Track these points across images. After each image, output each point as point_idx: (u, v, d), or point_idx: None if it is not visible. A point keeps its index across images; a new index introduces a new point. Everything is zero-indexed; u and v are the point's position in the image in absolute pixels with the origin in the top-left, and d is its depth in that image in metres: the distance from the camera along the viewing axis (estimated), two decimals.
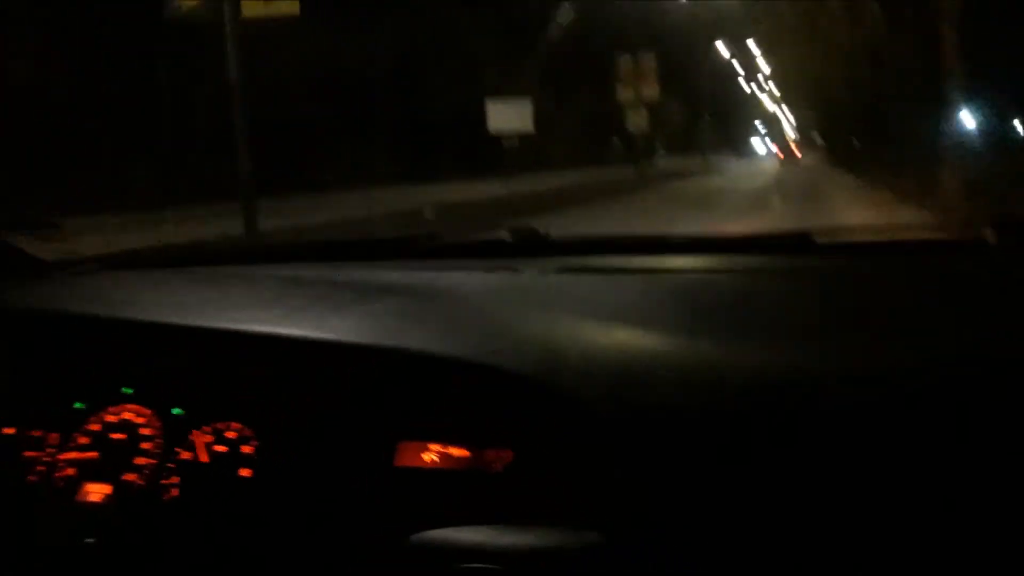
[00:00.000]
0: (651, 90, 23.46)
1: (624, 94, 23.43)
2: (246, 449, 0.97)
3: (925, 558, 0.70)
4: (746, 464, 0.75)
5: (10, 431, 1.06)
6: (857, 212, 12.08)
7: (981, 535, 0.69)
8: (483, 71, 21.98)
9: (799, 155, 50.17)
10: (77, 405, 1.05)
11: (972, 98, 14.42)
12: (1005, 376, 0.79)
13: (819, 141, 57.88)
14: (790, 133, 78.00)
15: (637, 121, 23.26)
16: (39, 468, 1.03)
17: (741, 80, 59.32)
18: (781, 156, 51.12)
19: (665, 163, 37.64)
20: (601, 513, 0.78)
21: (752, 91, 66.82)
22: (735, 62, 53.79)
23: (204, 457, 0.98)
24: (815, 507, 0.72)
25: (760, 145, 67.68)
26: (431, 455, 0.91)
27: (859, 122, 29.58)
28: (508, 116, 16.28)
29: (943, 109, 14.58)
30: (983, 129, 15.21)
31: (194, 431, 1.00)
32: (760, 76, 59.41)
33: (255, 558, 0.89)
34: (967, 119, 14.07)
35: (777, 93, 67.60)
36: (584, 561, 0.76)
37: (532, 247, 1.47)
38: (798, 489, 0.73)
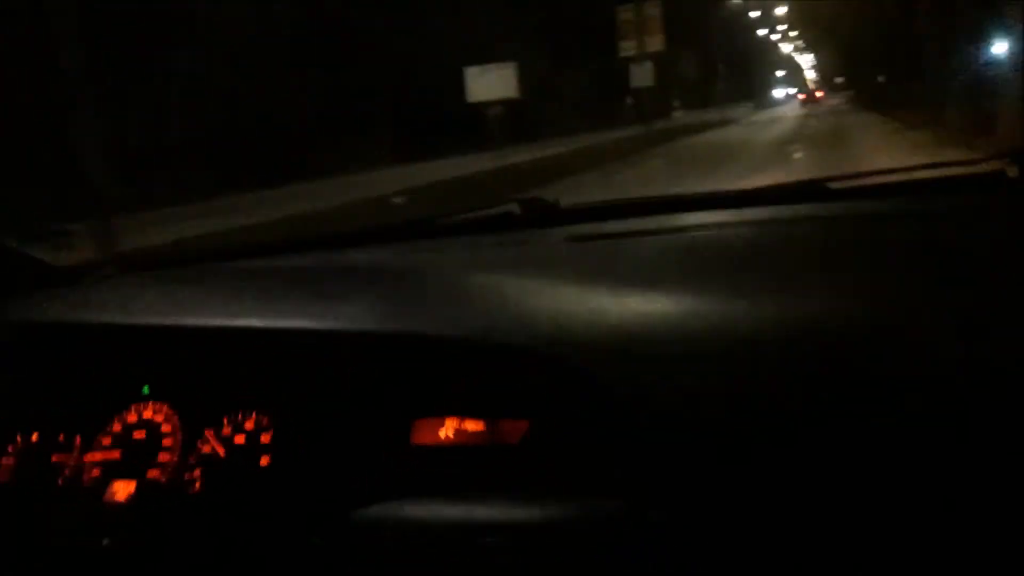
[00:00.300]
0: (656, 42, 21.36)
1: (627, 48, 21.36)
2: (264, 439, 0.98)
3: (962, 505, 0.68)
4: (768, 423, 0.73)
5: (36, 437, 1.08)
6: (888, 157, 10.15)
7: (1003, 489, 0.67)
8: (468, 36, 20.01)
9: (821, 96, 47.67)
10: (99, 407, 1.08)
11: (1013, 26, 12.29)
12: None
13: (841, 81, 55.39)
14: (810, 76, 75.01)
15: (642, 76, 21.22)
16: (66, 471, 1.05)
17: (756, 25, 56.66)
18: (802, 99, 48.58)
19: (682, 118, 35.80)
20: (618, 483, 0.77)
21: (768, 36, 63.96)
22: (748, 7, 51.21)
23: (221, 451, 0.99)
24: (837, 461, 0.70)
25: (779, 91, 64.65)
26: (447, 431, 0.92)
27: (884, 59, 27.30)
28: (490, 83, 14.44)
29: (980, 40, 12.57)
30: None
31: (211, 426, 1.01)
32: (775, 19, 56.64)
33: (276, 543, 0.89)
34: (1006, 49, 11.97)
35: (795, 35, 64.68)
36: (601, 532, 0.76)
37: (540, 218, 1.44)
38: (821, 443, 0.71)
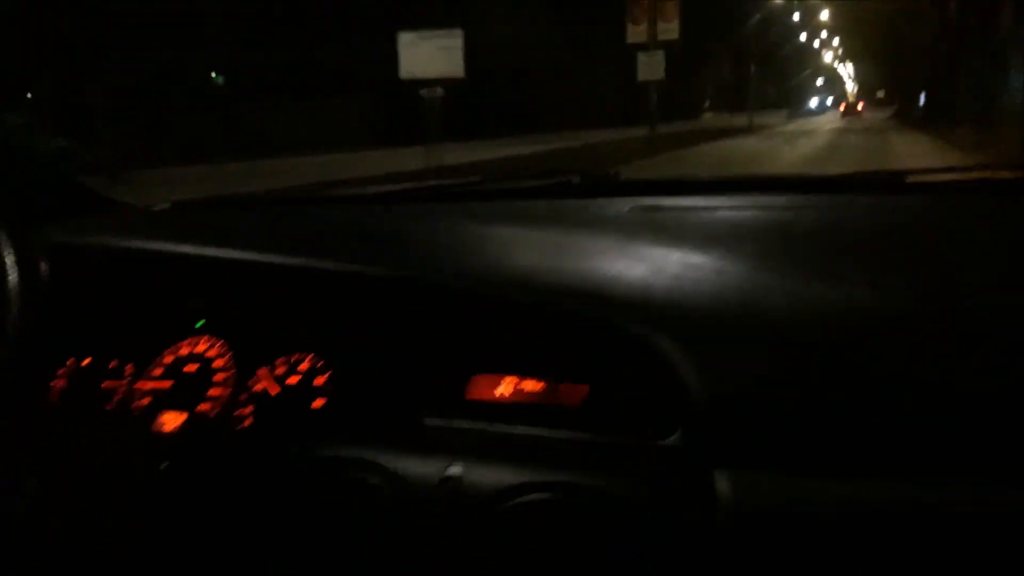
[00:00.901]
0: (671, 30, 17.51)
1: (636, 34, 17.53)
2: (319, 381, 0.96)
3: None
4: (838, 404, 0.70)
5: (88, 363, 1.05)
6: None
7: None
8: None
9: (861, 111, 43.61)
10: (153, 338, 1.04)
11: None
12: None
13: (882, 95, 51.60)
14: (851, 87, 70.61)
15: (652, 68, 17.40)
16: (116, 398, 1.02)
17: (796, 29, 52.49)
18: (842, 110, 44.59)
19: (710, 121, 32.65)
20: (679, 454, 0.75)
21: (809, 43, 59.62)
22: (791, 7, 47.09)
23: (273, 389, 0.97)
24: (904, 447, 0.68)
25: (816, 101, 60.07)
26: (504, 388, 0.90)
27: (934, 74, 23.30)
28: (429, 56, 10.75)
29: None
30: None
31: (264, 364, 0.98)
32: (818, 25, 52.38)
33: (325, 485, 0.86)
34: None
35: (837, 44, 60.31)
36: (660, 502, 0.73)
37: (602, 188, 1.37)
38: (881, 414, 0.69)
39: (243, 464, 0.89)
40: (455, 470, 0.79)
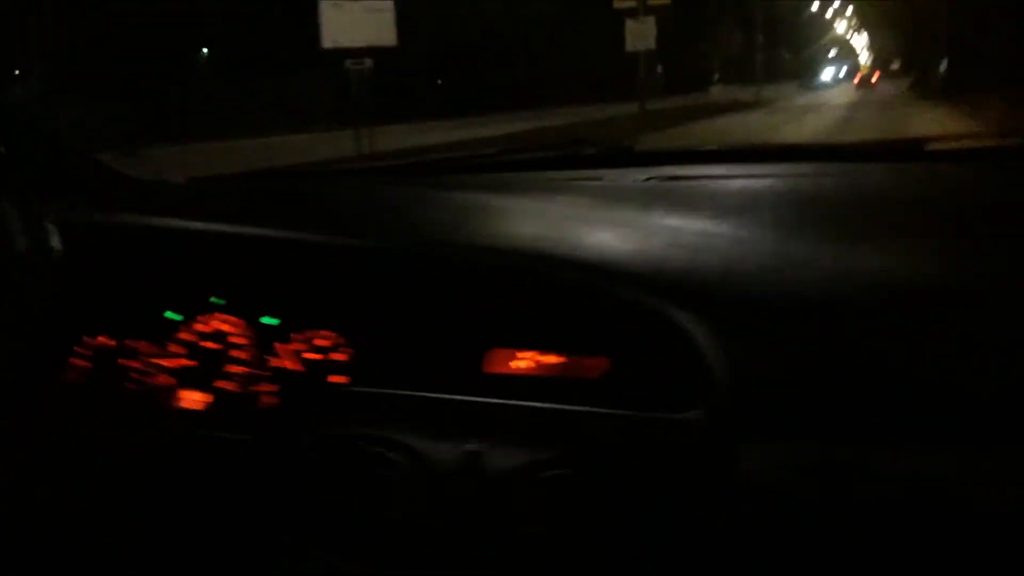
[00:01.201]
0: None
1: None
2: (339, 357, 0.95)
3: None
4: (857, 375, 0.69)
5: (106, 341, 1.04)
6: None
7: None
8: None
9: (876, 82, 41.29)
10: (170, 315, 1.03)
11: None
12: None
13: (897, 67, 49.47)
14: (865, 58, 68.01)
15: (641, 36, 15.42)
16: (136, 376, 1.01)
17: None
18: (857, 82, 42.25)
19: (716, 94, 31.14)
20: (700, 426, 0.73)
21: (822, 12, 57.14)
22: None
23: (295, 366, 0.96)
24: (917, 398, 0.67)
25: (828, 72, 57.36)
26: (523, 362, 0.88)
27: (958, 39, 21.15)
28: (354, 22, 8.88)
29: None
30: None
31: (283, 341, 0.97)
32: None
33: (348, 460, 0.85)
34: None
35: (850, 13, 57.85)
36: (682, 471, 0.72)
37: (617, 159, 1.36)
38: (899, 384, 0.68)
39: (264, 440, 0.87)
40: (474, 446, 0.77)
